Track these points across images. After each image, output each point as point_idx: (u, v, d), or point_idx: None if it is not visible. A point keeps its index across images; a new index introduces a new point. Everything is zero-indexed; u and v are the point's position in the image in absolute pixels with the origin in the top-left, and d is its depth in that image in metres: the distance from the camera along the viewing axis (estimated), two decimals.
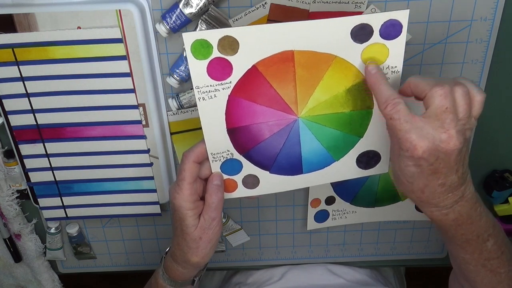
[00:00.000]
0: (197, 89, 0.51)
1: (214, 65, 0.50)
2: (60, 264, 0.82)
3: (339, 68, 0.52)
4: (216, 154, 0.55)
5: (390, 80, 0.52)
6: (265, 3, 0.58)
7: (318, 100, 0.54)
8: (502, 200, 0.73)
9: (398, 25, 0.49)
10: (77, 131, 0.65)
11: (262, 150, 0.56)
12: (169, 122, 0.66)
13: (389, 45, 0.50)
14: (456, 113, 0.47)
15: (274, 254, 0.81)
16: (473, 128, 0.49)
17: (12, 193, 0.72)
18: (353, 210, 0.75)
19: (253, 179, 0.58)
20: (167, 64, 0.63)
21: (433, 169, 0.48)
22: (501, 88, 0.66)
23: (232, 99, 0.52)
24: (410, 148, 0.47)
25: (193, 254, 0.57)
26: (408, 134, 0.47)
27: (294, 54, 0.50)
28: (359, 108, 0.54)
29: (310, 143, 0.56)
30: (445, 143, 0.47)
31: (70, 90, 0.62)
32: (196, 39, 0.48)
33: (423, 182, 0.50)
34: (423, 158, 0.47)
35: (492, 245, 0.56)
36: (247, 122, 0.54)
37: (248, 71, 0.51)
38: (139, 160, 0.67)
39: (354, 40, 0.50)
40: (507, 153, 0.72)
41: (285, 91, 0.53)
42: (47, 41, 0.59)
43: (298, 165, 0.57)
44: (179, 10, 0.57)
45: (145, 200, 0.71)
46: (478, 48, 0.63)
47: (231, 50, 0.49)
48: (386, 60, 0.51)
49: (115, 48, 0.59)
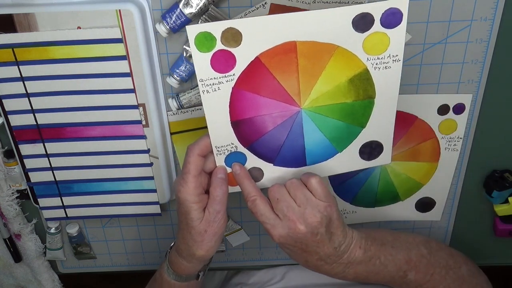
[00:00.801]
0: (201, 82, 0.51)
1: (217, 58, 0.50)
2: (60, 264, 0.82)
3: (341, 58, 0.52)
4: (221, 147, 0.55)
5: (391, 69, 0.53)
6: (265, 3, 0.58)
7: (321, 91, 0.54)
8: (502, 200, 0.73)
9: (399, 13, 0.50)
10: (77, 131, 0.65)
11: (266, 143, 0.56)
12: (169, 122, 0.66)
13: (390, 34, 0.51)
14: (290, 203, 0.53)
15: (274, 254, 0.81)
16: (325, 205, 0.54)
17: (12, 193, 0.72)
18: (353, 210, 0.75)
19: (257, 172, 0.58)
20: (167, 64, 0.63)
21: (300, 249, 0.55)
22: (501, 88, 0.66)
23: (235, 92, 0.52)
24: (271, 236, 0.54)
25: (198, 248, 0.57)
26: (265, 225, 0.54)
27: (297, 44, 0.51)
28: (361, 98, 0.55)
29: (313, 134, 0.56)
30: (292, 230, 0.53)
31: (70, 90, 0.62)
32: (200, 32, 0.48)
33: (301, 258, 0.57)
34: (282, 243, 0.54)
35: (415, 275, 0.60)
36: (251, 114, 0.54)
37: (251, 62, 0.51)
38: (139, 160, 0.67)
39: (355, 30, 0.50)
40: (507, 153, 0.71)
41: (288, 82, 0.53)
42: (47, 41, 0.59)
43: (301, 157, 0.58)
44: (179, 10, 0.57)
45: (145, 200, 0.71)
46: (478, 48, 0.63)
47: (234, 42, 0.49)
48: (387, 49, 0.52)
49: (115, 48, 0.59)
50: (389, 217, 0.76)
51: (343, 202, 0.74)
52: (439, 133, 0.68)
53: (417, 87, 0.65)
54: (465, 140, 0.70)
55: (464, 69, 0.64)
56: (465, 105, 0.66)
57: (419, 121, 0.67)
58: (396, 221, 0.77)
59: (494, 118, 0.68)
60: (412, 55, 0.63)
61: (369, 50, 0.52)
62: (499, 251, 0.81)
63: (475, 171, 0.73)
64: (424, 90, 0.66)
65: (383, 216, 0.76)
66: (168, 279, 0.63)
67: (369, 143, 0.58)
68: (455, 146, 0.69)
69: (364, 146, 0.58)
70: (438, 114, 0.67)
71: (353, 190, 0.73)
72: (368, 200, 0.74)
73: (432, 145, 0.69)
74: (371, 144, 0.58)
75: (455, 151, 0.70)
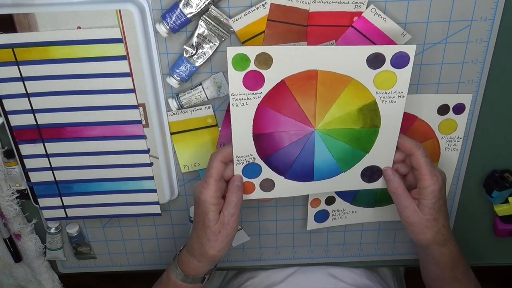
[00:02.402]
0: (232, 96, 0.57)
1: (249, 77, 0.56)
2: (60, 264, 0.82)
3: (354, 89, 0.59)
4: (241, 157, 0.61)
5: (396, 103, 0.60)
6: (265, 3, 0.58)
7: (334, 116, 0.60)
8: (502, 200, 0.73)
9: (407, 56, 0.56)
10: (77, 131, 0.65)
11: (281, 157, 0.62)
12: (169, 122, 0.66)
13: (397, 73, 0.57)
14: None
15: (274, 254, 0.81)
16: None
17: (12, 193, 0.72)
18: (353, 210, 0.75)
19: (269, 183, 0.64)
20: (167, 64, 0.63)
21: (440, 205, 0.61)
22: (501, 88, 0.66)
23: (260, 108, 0.59)
24: (434, 181, 0.59)
25: (211, 247, 0.61)
26: (434, 171, 0.60)
27: (318, 73, 0.57)
28: (368, 126, 0.61)
29: (322, 153, 0.62)
30: (444, 181, 0.61)
31: (70, 90, 0.62)
32: (238, 53, 0.55)
33: (443, 215, 0.62)
34: (442, 189, 0.60)
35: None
36: (271, 130, 0.60)
37: (277, 84, 0.58)
38: (139, 160, 0.67)
39: (369, 66, 0.57)
40: (507, 153, 0.71)
41: (306, 104, 0.59)
42: (47, 41, 0.59)
43: (310, 172, 0.64)
44: (179, 10, 0.57)
45: (145, 200, 0.71)
46: (478, 48, 0.63)
47: (265, 65, 0.56)
48: (394, 86, 0.58)
49: (115, 48, 0.59)
50: (389, 217, 0.76)
51: (343, 202, 0.74)
52: (439, 133, 0.68)
53: (417, 87, 0.65)
54: (465, 140, 0.70)
55: (464, 69, 0.64)
56: (465, 105, 0.66)
57: (419, 121, 0.67)
58: (396, 221, 0.77)
59: (494, 118, 0.68)
60: None
61: (378, 85, 0.58)
62: (499, 251, 0.81)
63: (475, 171, 0.73)
64: (424, 90, 0.66)
65: (383, 216, 0.76)
66: (175, 280, 0.65)
67: (371, 167, 0.64)
68: (455, 146, 0.70)
69: (365, 169, 0.64)
70: (438, 114, 0.67)
71: (353, 191, 0.73)
72: (368, 200, 0.74)
73: (432, 145, 0.69)
74: (372, 168, 0.64)
75: (455, 151, 0.70)
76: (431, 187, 0.59)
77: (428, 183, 0.59)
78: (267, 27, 0.59)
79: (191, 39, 0.60)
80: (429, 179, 0.59)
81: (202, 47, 0.60)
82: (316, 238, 0.79)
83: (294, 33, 0.60)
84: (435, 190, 0.60)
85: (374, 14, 0.59)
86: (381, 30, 0.60)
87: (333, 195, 0.73)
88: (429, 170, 0.59)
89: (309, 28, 0.60)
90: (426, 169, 0.59)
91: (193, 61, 0.61)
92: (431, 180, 0.59)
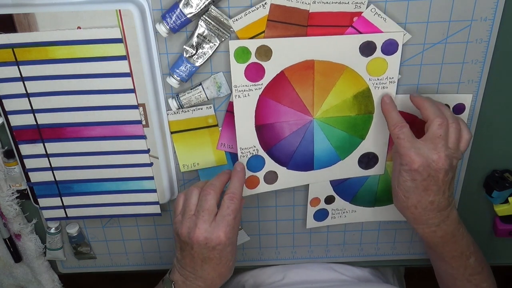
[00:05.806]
0: (235, 88, 0.60)
1: (250, 69, 0.59)
2: (60, 264, 0.82)
3: (349, 77, 0.61)
4: (245, 149, 0.64)
5: (388, 88, 0.63)
6: (265, 3, 0.58)
7: (331, 104, 0.63)
8: (502, 200, 0.73)
9: (395, 43, 0.60)
10: (77, 131, 0.65)
11: (282, 148, 0.65)
12: (170, 121, 0.66)
13: (388, 60, 0.61)
14: (447, 141, 0.58)
15: (274, 254, 0.81)
16: (459, 159, 0.60)
17: (12, 193, 0.72)
18: (352, 209, 0.75)
19: (272, 175, 0.67)
20: (167, 64, 0.63)
21: (425, 185, 0.58)
22: (501, 88, 0.66)
23: (262, 99, 0.61)
24: (409, 162, 0.57)
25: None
26: (409, 151, 0.57)
27: (315, 63, 0.60)
28: (362, 113, 0.64)
29: (321, 142, 0.65)
30: (435, 163, 0.57)
31: (70, 90, 0.62)
32: (239, 46, 0.58)
33: (416, 198, 0.59)
34: (418, 171, 0.57)
35: (474, 262, 0.66)
36: (272, 120, 0.63)
37: (277, 75, 0.60)
38: (139, 160, 0.67)
39: (361, 54, 0.60)
40: (507, 153, 0.72)
41: (305, 94, 0.62)
42: (47, 41, 0.59)
43: (310, 161, 0.66)
44: (179, 10, 0.57)
45: (145, 200, 0.71)
46: (478, 48, 0.63)
47: (265, 56, 0.59)
48: (386, 72, 0.62)
49: (115, 48, 0.59)
50: (389, 217, 0.76)
51: (343, 201, 0.74)
52: None
53: (417, 87, 0.65)
54: None
55: (464, 69, 0.64)
56: (465, 105, 0.66)
57: (419, 121, 0.67)
58: (396, 221, 0.77)
59: (494, 118, 0.68)
60: (412, 55, 0.63)
61: (371, 71, 0.61)
62: (499, 251, 0.81)
63: (475, 171, 0.73)
64: (424, 90, 0.66)
65: (383, 216, 0.76)
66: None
67: (367, 154, 0.67)
68: None
69: (362, 156, 0.67)
70: None
71: (353, 190, 0.73)
72: (368, 200, 0.74)
73: None
74: (368, 155, 0.67)
75: None
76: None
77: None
78: (267, 27, 0.59)
79: (191, 39, 0.60)
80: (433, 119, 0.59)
81: (202, 47, 0.60)
82: (316, 238, 0.79)
83: (294, 33, 0.60)
84: None
85: (374, 14, 0.59)
86: (381, 30, 0.60)
87: (333, 194, 0.73)
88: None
89: (309, 28, 0.60)
90: None
91: (193, 61, 0.61)
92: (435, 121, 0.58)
